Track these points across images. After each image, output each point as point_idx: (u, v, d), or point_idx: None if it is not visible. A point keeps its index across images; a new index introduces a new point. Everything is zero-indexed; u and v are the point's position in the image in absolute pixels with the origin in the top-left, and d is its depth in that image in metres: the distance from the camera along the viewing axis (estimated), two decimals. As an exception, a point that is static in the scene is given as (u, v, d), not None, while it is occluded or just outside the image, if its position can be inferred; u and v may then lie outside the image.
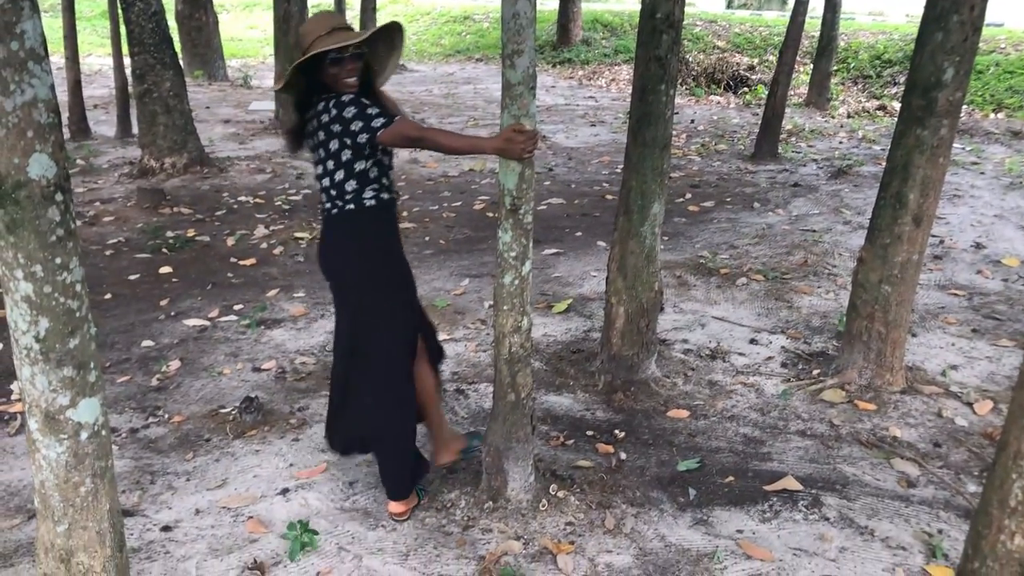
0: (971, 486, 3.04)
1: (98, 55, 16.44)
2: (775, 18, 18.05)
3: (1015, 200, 6.98)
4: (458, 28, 19.30)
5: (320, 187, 2.66)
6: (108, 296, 4.97)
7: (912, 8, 18.72)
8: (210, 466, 3.18)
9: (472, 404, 3.66)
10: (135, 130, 8.56)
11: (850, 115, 11.46)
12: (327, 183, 2.61)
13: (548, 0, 19.32)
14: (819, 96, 11.88)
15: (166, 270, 5.43)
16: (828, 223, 6.41)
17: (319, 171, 2.63)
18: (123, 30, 7.76)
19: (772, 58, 13.58)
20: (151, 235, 6.10)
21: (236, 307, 4.80)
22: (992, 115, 11.08)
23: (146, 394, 3.78)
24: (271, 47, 11.12)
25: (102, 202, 6.98)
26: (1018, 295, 4.94)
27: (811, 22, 10.49)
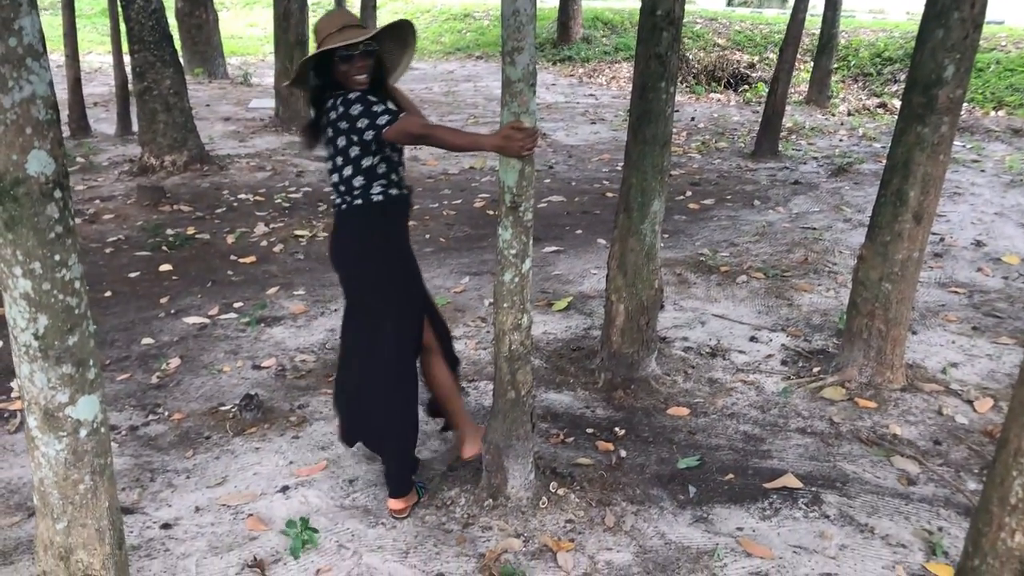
0: (971, 484, 3.04)
1: (98, 53, 16.42)
2: (775, 16, 18.03)
3: (1015, 198, 6.98)
4: (458, 26, 19.27)
5: (330, 182, 2.70)
6: (108, 294, 4.97)
7: (913, 5, 18.71)
8: (210, 464, 3.18)
9: (472, 402, 3.65)
10: (135, 128, 8.55)
11: (850, 113, 11.46)
12: (336, 179, 2.65)
13: (548, -2, 19.30)
14: (819, 94, 11.87)
15: (166, 268, 5.43)
16: (828, 221, 6.40)
17: (329, 167, 2.68)
18: (123, 28, 7.76)
19: (772, 56, 13.57)
20: (151, 233, 6.10)
21: (236, 305, 4.80)
22: (992, 113, 11.07)
23: (146, 392, 3.78)
24: (271, 45, 11.09)
25: (102, 200, 6.98)
26: (1018, 293, 4.93)
27: (811, 20, 10.47)
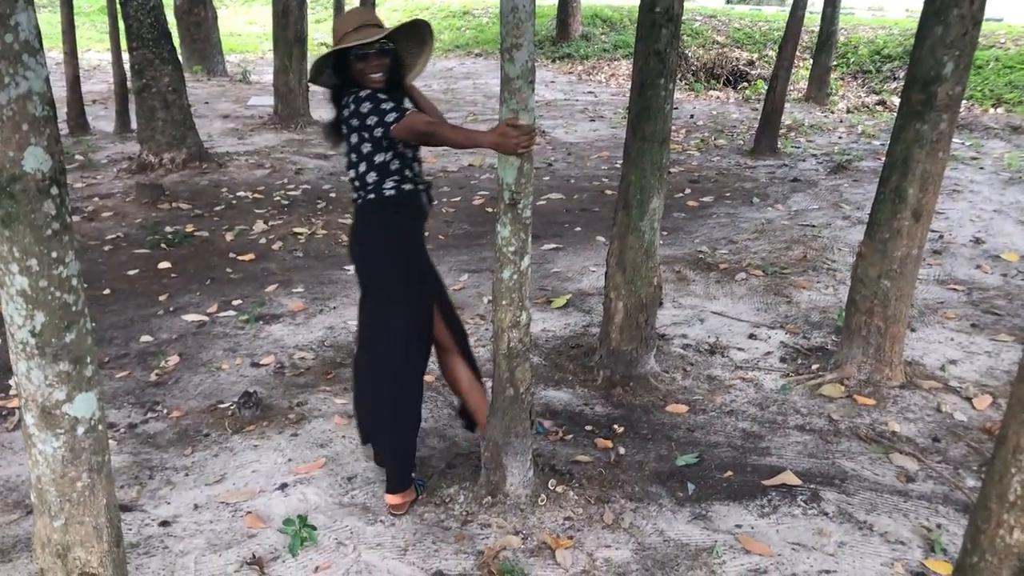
0: (970, 481, 3.04)
1: (97, 50, 16.39)
2: (775, 13, 18.01)
3: (1014, 195, 6.98)
4: (457, 23, 19.25)
5: (348, 178, 2.76)
6: (107, 291, 4.97)
7: (912, 3, 18.71)
8: (209, 461, 3.18)
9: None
10: (134, 125, 8.55)
11: (849, 110, 11.45)
12: (352, 175, 2.72)
13: (547, -5, 19.27)
14: (819, 91, 11.87)
15: (165, 265, 5.43)
16: (827, 218, 6.40)
17: (346, 163, 2.74)
18: (122, 25, 7.75)
19: (772, 53, 13.56)
20: (150, 230, 6.10)
21: (235, 302, 4.80)
22: (991, 110, 11.07)
23: (145, 389, 3.77)
24: (270, 42, 11.08)
25: (101, 197, 6.97)
26: (1017, 290, 4.93)
27: (811, 17, 10.47)
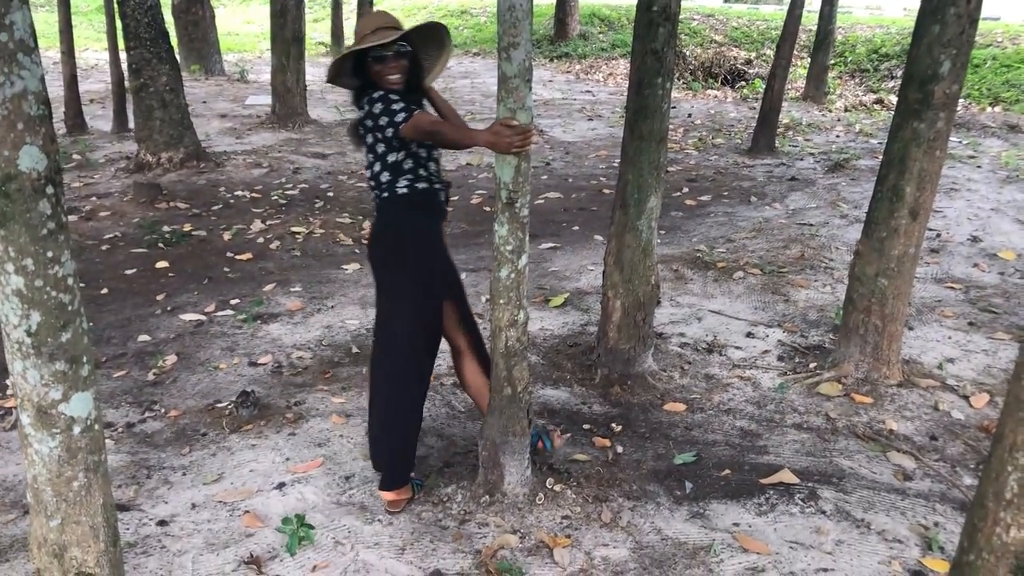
0: (967, 479, 3.04)
1: (94, 50, 16.38)
2: (772, 12, 18.03)
3: (1011, 194, 6.99)
4: (455, 22, 19.25)
5: (366, 177, 2.82)
6: (104, 291, 4.96)
7: (909, 2, 18.72)
8: (206, 460, 3.18)
9: (469, 398, 3.65)
10: (131, 125, 8.53)
11: (847, 109, 11.46)
12: (369, 174, 2.77)
13: (545, -6, 19.27)
14: (816, 90, 11.88)
15: (162, 265, 5.42)
16: (825, 217, 6.40)
17: (365, 163, 2.79)
18: (119, 25, 7.73)
19: (769, 52, 13.57)
20: (147, 230, 6.09)
21: (232, 302, 4.79)
22: (989, 109, 11.08)
23: (142, 389, 3.77)
24: (268, 41, 11.06)
25: (98, 197, 6.96)
26: (1014, 288, 4.94)
27: (808, 16, 10.50)
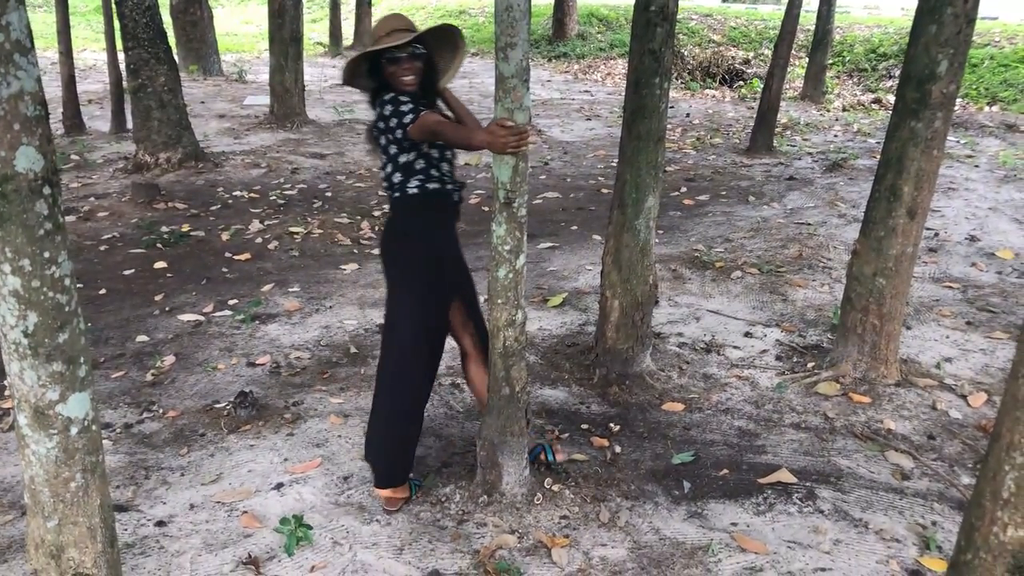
0: (965, 478, 3.05)
1: (92, 50, 16.37)
2: (770, 12, 18.04)
3: (1009, 193, 6.99)
4: (454, 22, 19.23)
5: (381, 177, 2.86)
6: (102, 291, 4.96)
7: (907, 1, 18.71)
8: (204, 461, 3.17)
9: (467, 398, 3.65)
10: (130, 125, 8.51)
11: (845, 108, 11.48)
12: (382, 175, 2.80)
13: (544, -6, 19.28)
14: (814, 90, 11.89)
15: (160, 265, 5.42)
16: (823, 216, 6.41)
17: (379, 163, 2.82)
18: (117, 25, 7.73)
19: (767, 52, 13.57)
20: (145, 230, 6.09)
21: (231, 302, 4.79)
22: (986, 108, 11.10)
23: (140, 389, 3.77)
24: (266, 42, 11.06)
25: (96, 197, 6.95)
26: (1012, 288, 4.94)
27: (806, 16, 10.51)
